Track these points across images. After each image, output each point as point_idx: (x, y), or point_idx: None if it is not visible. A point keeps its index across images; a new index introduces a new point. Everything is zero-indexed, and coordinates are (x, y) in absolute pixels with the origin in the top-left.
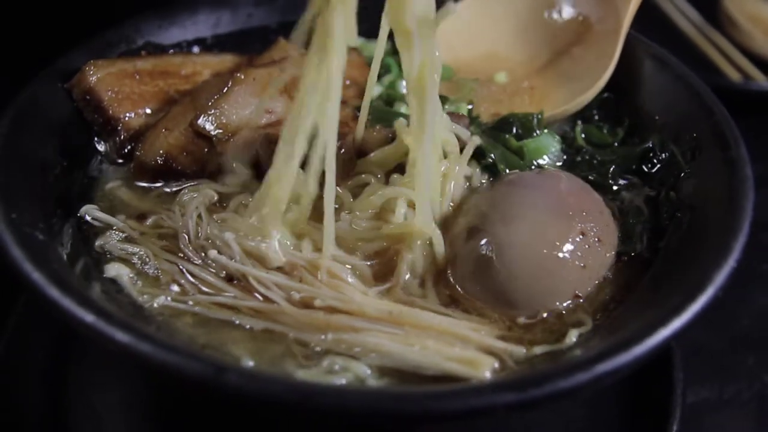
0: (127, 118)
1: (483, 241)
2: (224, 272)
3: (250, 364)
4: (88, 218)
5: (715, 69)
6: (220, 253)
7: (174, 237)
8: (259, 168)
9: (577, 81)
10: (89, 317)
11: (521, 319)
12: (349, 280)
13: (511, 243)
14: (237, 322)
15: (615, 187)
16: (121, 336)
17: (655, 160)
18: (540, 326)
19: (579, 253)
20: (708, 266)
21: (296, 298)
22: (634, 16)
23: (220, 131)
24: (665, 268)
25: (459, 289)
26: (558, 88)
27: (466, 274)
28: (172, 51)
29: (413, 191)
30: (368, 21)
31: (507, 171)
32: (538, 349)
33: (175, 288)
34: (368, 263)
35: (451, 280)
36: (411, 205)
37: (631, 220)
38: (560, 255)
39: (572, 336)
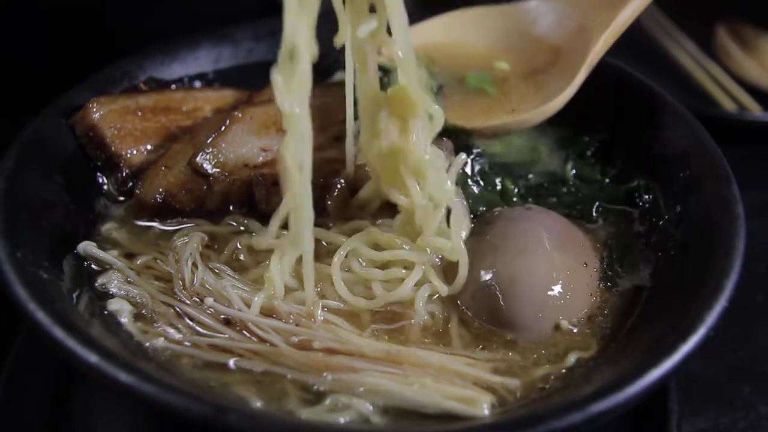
0: (128, 155)
1: (495, 277)
2: (222, 316)
3: (257, 404)
4: (86, 255)
5: (710, 99)
6: (215, 300)
7: (170, 279)
8: (254, 208)
9: (543, 96)
10: (93, 358)
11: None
12: (342, 323)
13: (520, 275)
14: (237, 363)
15: (603, 221)
16: (124, 377)
17: (646, 196)
18: (541, 348)
19: (579, 281)
20: (700, 306)
21: (295, 341)
22: (632, 48)
23: (218, 170)
24: (658, 304)
25: (475, 320)
26: (531, 99)
27: (478, 307)
28: (173, 86)
29: (416, 254)
30: None
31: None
32: (539, 371)
33: (174, 329)
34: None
35: (467, 312)
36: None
37: (621, 255)
38: (564, 282)
39: (571, 359)
